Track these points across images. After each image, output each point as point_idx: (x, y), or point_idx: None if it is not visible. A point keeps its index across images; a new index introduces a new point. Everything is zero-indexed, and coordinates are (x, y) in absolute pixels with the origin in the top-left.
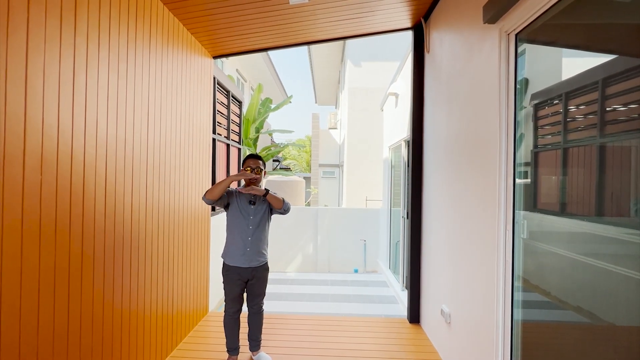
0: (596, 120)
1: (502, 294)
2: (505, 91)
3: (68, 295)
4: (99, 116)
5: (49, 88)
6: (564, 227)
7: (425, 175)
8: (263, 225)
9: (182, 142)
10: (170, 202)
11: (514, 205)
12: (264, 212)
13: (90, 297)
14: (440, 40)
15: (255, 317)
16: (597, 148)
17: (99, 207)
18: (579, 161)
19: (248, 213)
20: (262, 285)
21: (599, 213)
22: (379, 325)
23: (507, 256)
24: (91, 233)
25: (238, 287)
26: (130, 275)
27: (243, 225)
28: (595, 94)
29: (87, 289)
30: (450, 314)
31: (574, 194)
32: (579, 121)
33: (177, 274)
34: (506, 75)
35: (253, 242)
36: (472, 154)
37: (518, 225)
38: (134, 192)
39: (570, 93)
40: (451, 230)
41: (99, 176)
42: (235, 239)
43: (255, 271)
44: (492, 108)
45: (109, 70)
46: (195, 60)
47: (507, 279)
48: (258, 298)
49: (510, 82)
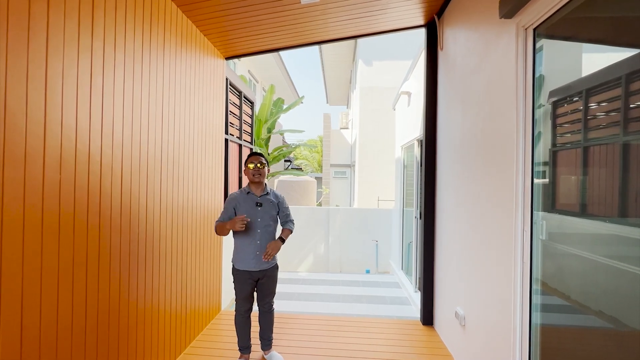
0: (619, 117)
1: (520, 297)
2: (522, 88)
3: (85, 292)
4: (115, 117)
5: (68, 90)
6: (585, 228)
7: (439, 175)
8: (271, 227)
9: (196, 142)
10: (184, 201)
11: (532, 206)
12: (272, 214)
13: (106, 293)
14: (455, 37)
15: (266, 316)
16: (621, 146)
17: (115, 205)
18: (601, 160)
19: (255, 216)
20: (272, 284)
21: (623, 214)
22: (392, 327)
23: (525, 258)
24: (107, 231)
25: (249, 286)
26: (145, 272)
27: (252, 229)
28: (618, 90)
29: (104, 286)
30: (465, 316)
31: (595, 194)
32: (601, 119)
33: (190, 272)
34: (524, 71)
35: (262, 245)
36: (488, 153)
37: (536, 226)
38: (149, 192)
39: (591, 90)
40: (466, 231)
41: (115, 176)
42: (244, 243)
43: (266, 271)
44: (509, 105)
45: (124, 72)
46: (208, 61)
47: (525, 282)
48: (268, 297)
49: (528, 79)
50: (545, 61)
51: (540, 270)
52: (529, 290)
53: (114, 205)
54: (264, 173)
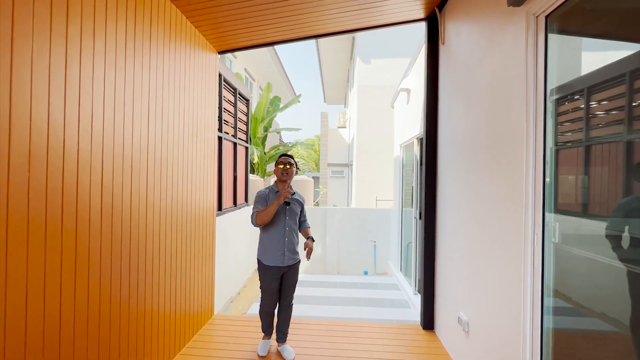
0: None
1: (530, 303)
2: (533, 80)
3: (60, 298)
4: (95, 110)
5: (38, 79)
6: (601, 230)
7: (440, 174)
8: (295, 225)
9: (186, 139)
10: (173, 201)
11: (543, 207)
12: (297, 212)
13: (85, 299)
14: (457, 30)
15: (286, 310)
16: (625, 144)
17: (95, 207)
18: (610, 157)
19: (284, 214)
20: (295, 276)
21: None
22: (391, 331)
23: (535, 261)
24: (86, 235)
25: (276, 281)
26: (129, 276)
27: (280, 226)
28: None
29: (82, 291)
30: (468, 322)
31: (608, 194)
32: (612, 115)
33: (180, 275)
34: (534, 62)
35: (289, 242)
36: (495, 150)
37: (548, 228)
38: (133, 191)
39: (600, 84)
40: (470, 233)
41: (94, 174)
42: (272, 240)
43: (291, 265)
44: (518, 100)
45: (105, 62)
46: (200, 55)
47: (536, 286)
48: (291, 289)
49: (539, 70)
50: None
51: (553, 274)
52: (541, 295)
53: (93, 206)
54: (291, 173)
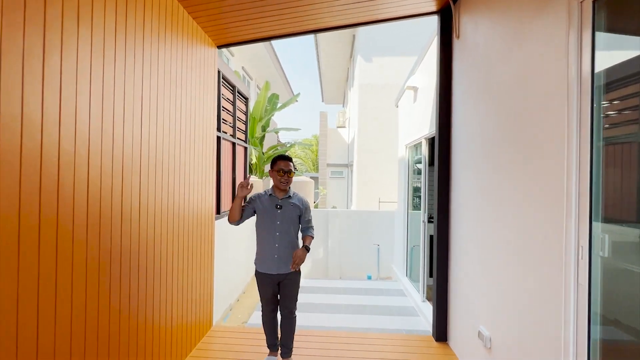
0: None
1: (574, 327)
2: (576, 72)
3: (37, 317)
4: (79, 106)
5: (10, 70)
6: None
7: (454, 175)
8: (291, 231)
9: (183, 139)
10: (169, 205)
11: (590, 214)
12: (292, 218)
13: (67, 314)
14: (475, 22)
15: (287, 321)
16: None
17: (79, 214)
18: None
19: (275, 218)
20: (293, 287)
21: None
22: (402, 343)
23: (580, 279)
24: (69, 244)
25: (270, 288)
26: (120, 289)
27: (270, 230)
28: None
29: (63, 309)
30: (491, 338)
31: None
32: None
33: (176, 284)
34: (577, 52)
35: (281, 249)
36: (525, 149)
37: (595, 239)
38: (125, 195)
39: None
40: (492, 241)
41: (79, 178)
42: (264, 246)
43: (286, 275)
44: (556, 96)
45: (91, 51)
46: (198, 49)
47: (581, 309)
48: (288, 301)
49: (584, 61)
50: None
51: (601, 295)
52: (587, 321)
53: (77, 214)
54: (291, 180)
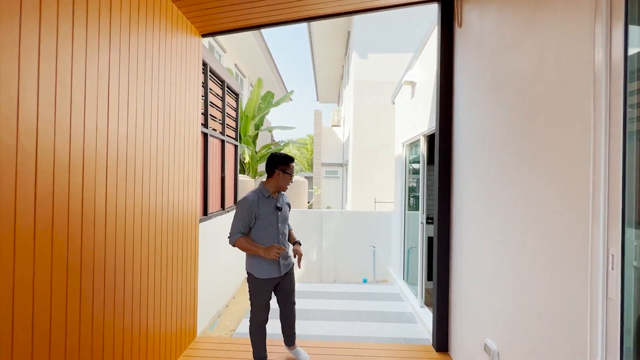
0: None
1: (602, 350)
2: (605, 57)
3: (12, 323)
4: (25, 91)
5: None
6: None
7: (456, 174)
8: (287, 230)
9: (160, 134)
10: (143, 206)
11: (623, 219)
12: (287, 217)
13: (37, 320)
14: (480, 10)
15: (290, 312)
16: None
17: (42, 214)
18: None
19: (276, 221)
20: (293, 280)
21: None
22: (401, 354)
23: (610, 292)
24: (8, 253)
25: (269, 293)
26: (93, 295)
27: (273, 234)
28: None
29: (41, 312)
30: (499, 352)
31: None
32: None
33: (156, 290)
34: (605, 37)
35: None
36: (541, 144)
37: (628, 247)
38: (86, 196)
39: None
40: (501, 246)
41: (22, 175)
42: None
43: (287, 273)
44: (578, 83)
45: (40, 23)
46: (180, 37)
47: (612, 328)
48: (292, 295)
49: (615, 42)
50: None
51: (635, 312)
52: (619, 341)
53: (39, 215)
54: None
